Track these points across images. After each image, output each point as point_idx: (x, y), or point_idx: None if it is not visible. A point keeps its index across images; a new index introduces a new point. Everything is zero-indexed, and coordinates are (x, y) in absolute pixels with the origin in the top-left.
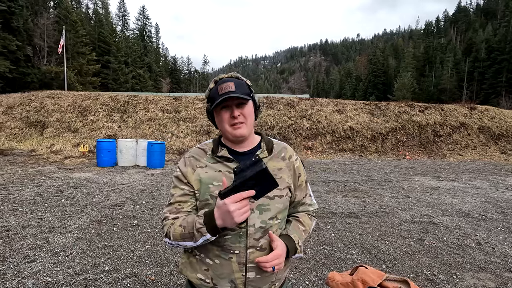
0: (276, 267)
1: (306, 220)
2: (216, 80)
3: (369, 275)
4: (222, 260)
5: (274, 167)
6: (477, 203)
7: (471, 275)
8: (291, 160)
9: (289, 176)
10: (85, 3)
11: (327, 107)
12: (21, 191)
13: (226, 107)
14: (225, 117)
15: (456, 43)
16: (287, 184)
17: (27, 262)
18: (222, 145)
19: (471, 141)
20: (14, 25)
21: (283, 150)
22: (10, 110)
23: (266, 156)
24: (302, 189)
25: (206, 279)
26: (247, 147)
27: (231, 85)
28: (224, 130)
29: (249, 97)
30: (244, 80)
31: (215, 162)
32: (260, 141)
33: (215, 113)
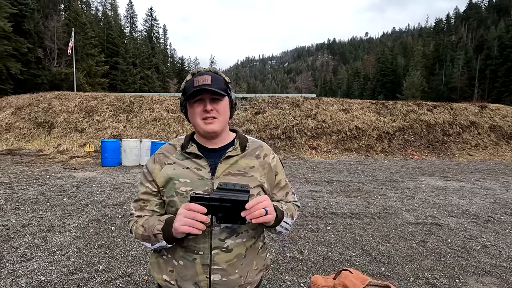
0: (268, 209)
1: (289, 204)
2: (194, 73)
3: (351, 280)
4: (186, 262)
5: (246, 165)
6: (485, 204)
7: (475, 279)
8: (265, 158)
9: (262, 175)
10: (95, 6)
11: (332, 106)
12: (25, 190)
13: (200, 101)
14: (198, 111)
15: (467, 40)
16: (259, 183)
17: (23, 261)
18: (194, 141)
19: (481, 141)
20: (25, 28)
21: (259, 148)
22: (19, 111)
23: (238, 153)
24: (282, 187)
25: (171, 280)
26: (219, 143)
27: (207, 79)
28: (196, 124)
29: (225, 93)
30: (223, 76)
31: (183, 158)
32: (234, 138)
33: (188, 105)
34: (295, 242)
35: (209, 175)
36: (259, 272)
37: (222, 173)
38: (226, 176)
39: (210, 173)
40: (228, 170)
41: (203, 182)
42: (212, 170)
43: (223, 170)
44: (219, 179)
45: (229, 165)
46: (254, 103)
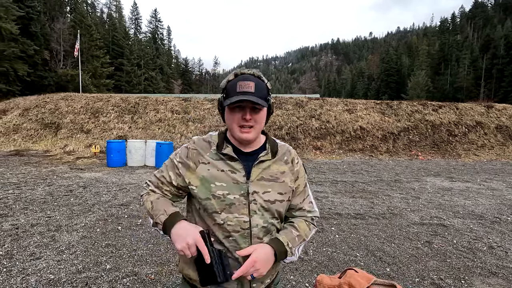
0: (254, 274)
1: (302, 226)
2: (237, 74)
3: (357, 279)
4: (230, 260)
5: (277, 170)
6: (491, 205)
7: (481, 280)
8: (293, 163)
9: (291, 180)
10: (100, 8)
11: (336, 106)
12: (33, 190)
13: (240, 107)
14: (236, 117)
15: (473, 39)
16: (290, 189)
17: (32, 260)
18: (228, 141)
19: (488, 141)
20: (32, 30)
21: (287, 153)
22: (27, 112)
23: (269, 158)
24: (300, 193)
25: None
26: (252, 147)
27: (251, 86)
28: (232, 129)
29: (266, 103)
30: (266, 82)
31: (218, 159)
32: (265, 141)
33: (227, 109)
34: None
35: (244, 179)
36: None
37: (256, 178)
38: (259, 181)
39: (244, 177)
40: (261, 174)
41: (238, 186)
42: (247, 174)
43: (257, 175)
44: (253, 183)
45: (262, 169)
46: None
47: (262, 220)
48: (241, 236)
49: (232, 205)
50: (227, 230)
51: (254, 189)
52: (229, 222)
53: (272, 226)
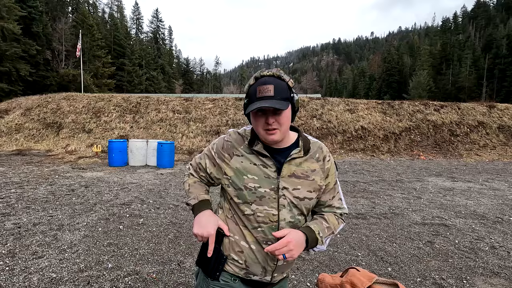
0: (286, 255)
1: (331, 219)
2: (257, 77)
3: (359, 278)
4: (257, 247)
5: (308, 168)
6: (493, 205)
7: (483, 280)
8: (324, 161)
9: (321, 178)
10: (101, 8)
11: (338, 106)
12: (35, 189)
13: (262, 111)
14: (260, 122)
15: (475, 39)
16: (319, 187)
17: (35, 258)
18: (259, 139)
19: (490, 141)
20: (34, 30)
21: (319, 150)
22: (29, 111)
23: (301, 156)
24: (329, 190)
25: (239, 260)
26: (282, 145)
27: (271, 89)
28: (258, 132)
29: (287, 105)
30: (286, 80)
31: (250, 153)
32: (297, 138)
33: (252, 113)
34: None
35: (275, 175)
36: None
37: (287, 174)
38: (290, 177)
39: (275, 173)
40: (293, 171)
41: (269, 181)
42: (278, 170)
43: (288, 171)
44: (284, 179)
45: (294, 166)
46: None
47: (289, 215)
48: (269, 228)
49: (263, 198)
50: (256, 221)
51: (284, 185)
52: (259, 214)
53: (299, 222)
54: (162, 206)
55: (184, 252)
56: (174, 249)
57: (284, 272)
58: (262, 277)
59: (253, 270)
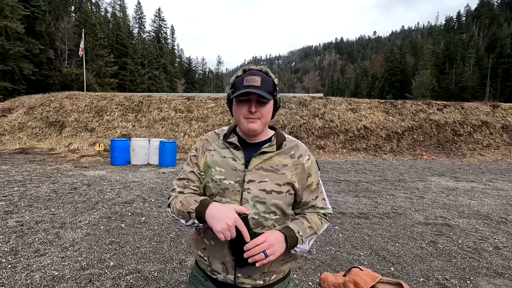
0: (267, 251)
1: (313, 218)
2: (245, 69)
3: (362, 277)
4: (216, 242)
5: (279, 162)
6: (497, 205)
7: (487, 281)
8: (300, 159)
9: (294, 174)
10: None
11: (340, 105)
12: (38, 188)
13: (246, 101)
14: (243, 110)
15: (479, 38)
16: (289, 181)
17: (37, 256)
18: (236, 133)
19: (493, 141)
20: (37, 29)
21: (295, 148)
22: (32, 110)
23: (273, 150)
24: (312, 190)
25: (204, 256)
26: (257, 139)
27: (257, 80)
28: (238, 121)
29: (271, 97)
30: (272, 77)
31: (223, 147)
32: (272, 135)
33: (235, 101)
34: None
35: (242, 167)
36: (285, 263)
37: (255, 167)
38: (258, 170)
39: (243, 165)
40: (261, 165)
41: (235, 173)
42: (246, 163)
43: (256, 164)
44: (250, 172)
45: (263, 160)
46: None
47: (253, 211)
48: None
49: (226, 190)
50: None
51: (250, 178)
52: None
53: (266, 221)
54: (164, 205)
55: (185, 251)
56: (175, 247)
57: (255, 277)
58: (224, 275)
59: (215, 267)
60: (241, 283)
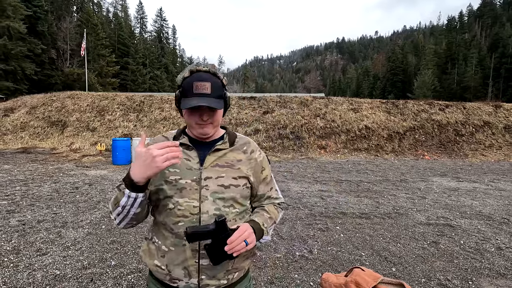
0: (248, 240)
1: (271, 209)
2: (193, 71)
3: (363, 277)
4: (176, 247)
5: (234, 158)
6: (499, 206)
7: (489, 281)
8: (252, 154)
9: (248, 168)
10: (106, 7)
11: (341, 105)
12: (40, 187)
13: (198, 109)
14: (194, 118)
15: (481, 38)
16: (245, 175)
17: (39, 255)
18: (186, 134)
19: (495, 141)
20: (39, 29)
21: (246, 144)
22: (34, 110)
23: (226, 147)
24: (267, 183)
25: (162, 265)
26: (210, 138)
27: (208, 87)
28: (190, 126)
29: (222, 105)
30: (221, 78)
31: None
32: (224, 134)
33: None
34: (304, 241)
35: (198, 166)
36: (246, 259)
37: (210, 165)
38: (213, 167)
39: (198, 164)
40: (216, 162)
41: (191, 172)
42: (201, 161)
43: (211, 162)
44: (207, 169)
45: (217, 157)
46: (263, 102)
47: (213, 207)
48: (190, 222)
49: (183, 189)
50: (177, 215)
51: (207, 175)
52: (179, 207)
53: (227, 215)
54: None
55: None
56: None
57: (219, 277)
58: (187, 280)
59: (175, 274)
60: (206, 285)
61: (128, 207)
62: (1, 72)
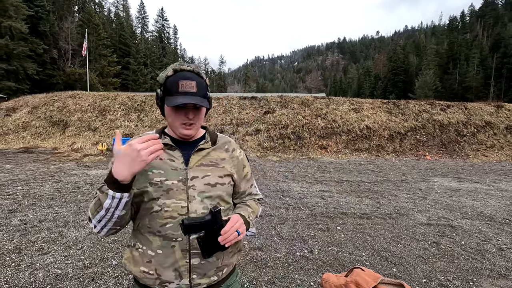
0: (240, 230)
1: (253, 204)
2: (177, 69)
3: (364, 277)
4: (165, 250)
5: (217, 157)
6: (501, 206)
7: (490, 282)
8: (234, 152)
9: (231, 166)
10: (107, 7)
11: (342, 106)
12: (41, 186)
13: (182, 107)
14: (179, 117)
15: (483, 38)
16: (229, 173)
17: (40, 255)
18: (166, 134)
19: (497, 141)
20: (41, 29)
21: (227, 143)
22: (35, 110)
23: (209, 147)
24: (248, 180)
25: (149, 271)
26: (191, 138)
27: (193, 85)
28: (173, 126)
29: (208, 104)
30: (204, 78)
31: None
32: (205, 133)
33: (169, 108)
34: (304, 241)
35: (183, 166)
36: (234, 255)
37: (195, 164)
38: (199, 166)
39: (183, 164)
40: (201, 161)
41: (177, 173)
42: (185, 161)
43: (196, 161)
44: (192, 169)
45: (202, 156)
46: (264, 102)
47: (201, 206)
48: (178, 223)
49: (170, 191)
50: (164, 217)
51: (193, 175)
52: (166, 208)
53: None
54: None
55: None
56: None
57: (210, 274)
58: (178, 282)
59: (165, 276)
60: (197, 284)
61: (112, 209)
62: (3, 72)
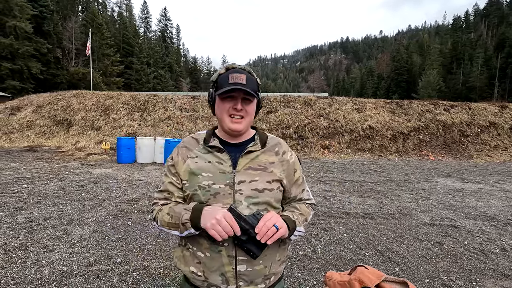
0: (277, 224)
1: (302, 207)
2: (228, 67)
3: (367, 275)
4: (212, 253)
5: (266, 160)
6: (504, 207)
7: (493, 282)
8: (284, 155)
9: (281, 170)
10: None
11: (345, 105)
12: (46, 185)
13: (231, 97)
14: (227, 107)
15: (487, 38)
16: (278, 178)
17: (46, 252)
18: (215, 135)
19: (501, 142)
20: (45, 29)
21: (278, 145)
22: (40, 109)
23: (258, 149)
24: (299, 185)
25: (198, 272)
26: (240, 139)
27: (243, 78)
28: (222, 120)
29: (257, 95)
30: (255, 77)
31: (206, 152)
32: (254, 134)
33: (218, 99)
34: (307, 241)
35: (230, 169)
36: (282, 263)
37: (243, 168)
38: (247, 170)
39: (231, 167)
40: (249, 164)
41: (224, 176)
42: (233, 164)
43: (244, 165)
44: (240, 173)
45: (250, 160)
46: (266, 102)
47: (248, 211)
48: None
49: (217, 195)
50: None
51: (240, 179)
52: None
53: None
54: None
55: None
56: None
57: (257, 282)
58: (225, 287)
59: (212, 280)
60: None
61: (182, 235)
62: (8, 71)
